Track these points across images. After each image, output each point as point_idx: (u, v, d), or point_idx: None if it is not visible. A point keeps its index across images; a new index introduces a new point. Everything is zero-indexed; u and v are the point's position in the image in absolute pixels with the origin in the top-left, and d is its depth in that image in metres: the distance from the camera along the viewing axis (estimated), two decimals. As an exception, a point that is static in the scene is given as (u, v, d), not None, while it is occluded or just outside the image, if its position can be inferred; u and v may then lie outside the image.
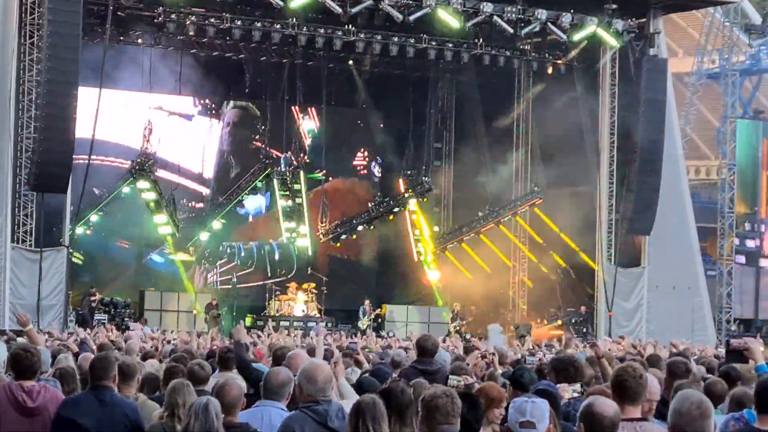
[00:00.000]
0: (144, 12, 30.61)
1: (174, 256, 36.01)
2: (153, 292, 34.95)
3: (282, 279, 36.68)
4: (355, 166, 39.92)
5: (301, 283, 35.35)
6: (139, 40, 33.02)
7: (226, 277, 36.69)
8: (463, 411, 6.00)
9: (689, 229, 34.45)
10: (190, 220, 36.53)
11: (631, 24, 32.25)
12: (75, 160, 28.23)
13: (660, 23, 33.13)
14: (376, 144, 39.42)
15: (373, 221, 37.60)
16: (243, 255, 37.49)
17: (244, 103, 37.92)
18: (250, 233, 38.08)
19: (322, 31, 31.56)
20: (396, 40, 32.22)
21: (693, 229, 34.65)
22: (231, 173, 37.78)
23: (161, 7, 30.19)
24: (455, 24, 30.35)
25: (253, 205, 37.87)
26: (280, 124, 37.03)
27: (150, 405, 8.52)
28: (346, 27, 31.36)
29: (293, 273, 37.12)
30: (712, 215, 38.95)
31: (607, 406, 5.77)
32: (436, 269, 38.55)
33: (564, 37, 31.86)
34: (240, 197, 36.64)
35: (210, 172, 37.86)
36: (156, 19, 30.43)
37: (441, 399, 5.86)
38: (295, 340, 20.69)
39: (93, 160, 29.60)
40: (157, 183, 33.38)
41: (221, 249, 37.30)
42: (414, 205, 37.66)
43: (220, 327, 32.90)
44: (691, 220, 34.58)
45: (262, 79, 36.42)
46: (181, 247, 36.19)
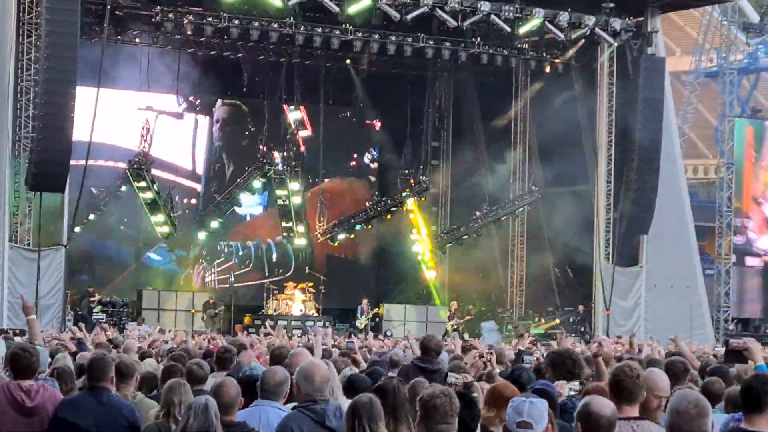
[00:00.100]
0: (142, 11, 30.61)
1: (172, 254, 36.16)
2: (151, 291, 34.94)
3: (280, 278, 36.65)
4: (352, 166, 39.89)
5: (298, 282, 35.32)
6: (137, 39, 32.99)
7: (224, 276, 36.67)
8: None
9: (687, 228, 34.45)
10: (187, 220, 36.51)
11: (629, 23, 32.23)
12: (72, 163, 28.18)
13: (658, 22, 33.12)
14: (374, 143, 39.43)
15: (370, 220, 37.55)
16: (241, 254, 37.47)
17: (234, 100, 37.84)
18: (247, 232, 38.06)
19: (320, 30, 31.56)
20: (394, 39, 32.21)
21: (691, 228, 34.65)
22: (225, 171, 37.73)
23: (159, 7, 30.21)
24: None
25: (250, 205, 37.82)
26: (277, 124, 37.01)
27: (147, 403, 8.52)
28: (344, 26, 31.36)
29: (291, 272, 37.13)
30: (710, 214, 38.92)
31: (604, 405, 5.76)
32: (434, 268, 38.55)
33: (562, 35, 31.85)
34: (235, 195, 36.56)
35: (201, 169, 37.83)
36: (153, 18, 30.42)
37: (439, 399, 5.84)
38: (293, 341, 20.62)
39: (90, 164, 29.53)
40: (154, 182, 33.35)
41: (219, 248, 37.30)
42: (412, 204, 37.60)
43: (218, 326, 32.93)
44: (689, 219, 34.58)
45: (260, 78, 36.37)
46: (179, 246, 36.25)
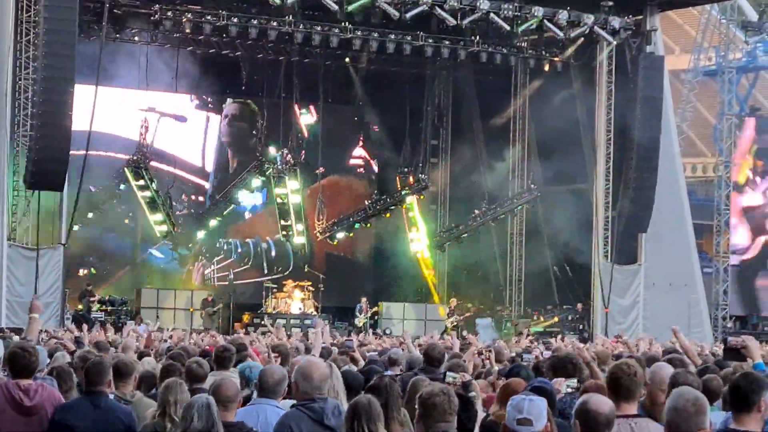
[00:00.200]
0: (140, 9, 30.58)
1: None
2: (150, 289, 34.91)
3: (279, 276, 36.61)
4: (351, 164, 39.88)
5: (297, 280, 35.32)
6: (136, 38, 32.94)
7: (223, 273, 36.65)
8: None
9: (686, 227, 34.46)
10: (188, 218, 36.50)
11: (628, 21, 32.21)
12: (72, 152, 28.14)
13: (656, 20, 33.12)
14: (373, 141, 39.41)
15: (369, 219, 37.53)
16: (240, 252, 37.45)
17: (244, 99, 37.90)
18: (246, 230, 38.04)
19: (319, 28, 31.53)
20: (393, 37, 32.18)
21: (689, 226, 34.66)
22: (230, 168, 37.77)
23: (157, 5, 30.17)
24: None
25: (249, 202, 37.81)
26: (276, 122, 36.98)
27: (146, 402, 8.52)
28: (343, 24, 31.34)
29: (290, 270, 37.10)
30: (709, 212, 38.92)
31: (603, 403, 5.76)
32: (433, 266, 38.54)
33: (561, 34, 31.84)
34: (233, 194, 36.55)
35: (210, 167, 37.85)
36: (152, 17, 30.38)
37: (438, 397, 5.84)
38: (292, 342, 20.60)
39: (90, 154, 29.49)
40: (153, 181, 33.31)
41: (218, 246, 37.29)
42: (411, 203, 37.62)
43: (216, 324, 32.91)
44: (687, 218, 34.59)
45: (259, 76, 36.32)
46: (181, 244, 36.29)
